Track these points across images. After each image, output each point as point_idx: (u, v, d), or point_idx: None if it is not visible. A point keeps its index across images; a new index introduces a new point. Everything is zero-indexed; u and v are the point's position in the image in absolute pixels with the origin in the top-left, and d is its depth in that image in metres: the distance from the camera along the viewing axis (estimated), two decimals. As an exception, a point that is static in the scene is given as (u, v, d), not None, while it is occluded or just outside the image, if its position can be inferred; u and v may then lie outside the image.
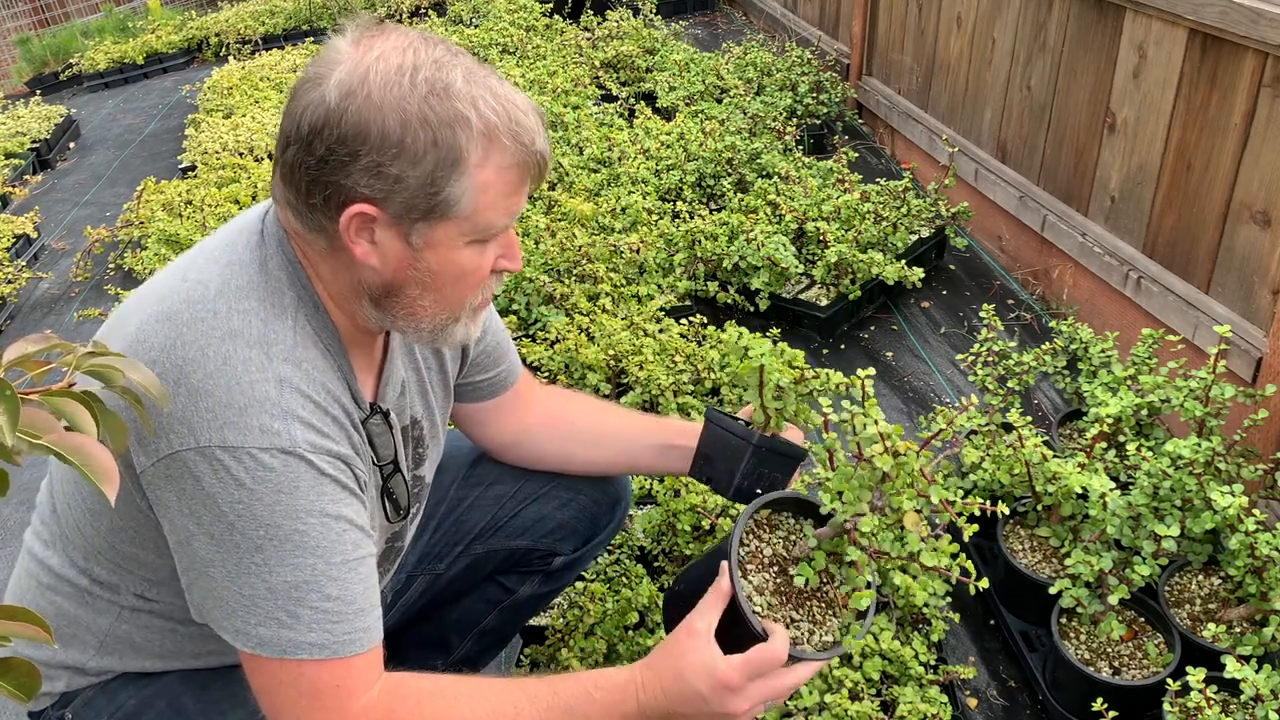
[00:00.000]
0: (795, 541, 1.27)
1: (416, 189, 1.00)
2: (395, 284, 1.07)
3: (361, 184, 1.00)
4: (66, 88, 7.44)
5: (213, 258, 1.09)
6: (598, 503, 1.60)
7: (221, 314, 1.03)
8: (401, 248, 1.04)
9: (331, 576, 1.03)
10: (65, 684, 1.21)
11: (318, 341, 1.09)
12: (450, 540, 1.56)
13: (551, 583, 1.63)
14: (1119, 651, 1.73)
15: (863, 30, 4.25)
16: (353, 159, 0.99)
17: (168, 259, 3.50)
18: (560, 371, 2.60)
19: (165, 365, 1.01)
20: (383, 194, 1.00)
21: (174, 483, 1.00)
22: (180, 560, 1.06)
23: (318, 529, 1.02)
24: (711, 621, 1.13)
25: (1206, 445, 1.73)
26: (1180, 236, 2.42)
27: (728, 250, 2.97)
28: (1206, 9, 2.17)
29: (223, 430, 0.99)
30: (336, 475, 1.05)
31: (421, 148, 0.98)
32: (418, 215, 1.02)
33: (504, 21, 5.87)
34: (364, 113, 0.98)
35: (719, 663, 1.10)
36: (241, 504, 0.99)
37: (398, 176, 0.99)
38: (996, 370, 2.24)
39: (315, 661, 1.02)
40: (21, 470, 0.56)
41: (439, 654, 1.65)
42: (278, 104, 5.17)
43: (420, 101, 0.98)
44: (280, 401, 1.01)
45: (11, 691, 0.57)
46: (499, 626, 1.66)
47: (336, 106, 0.99)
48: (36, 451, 0.57)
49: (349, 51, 1.03)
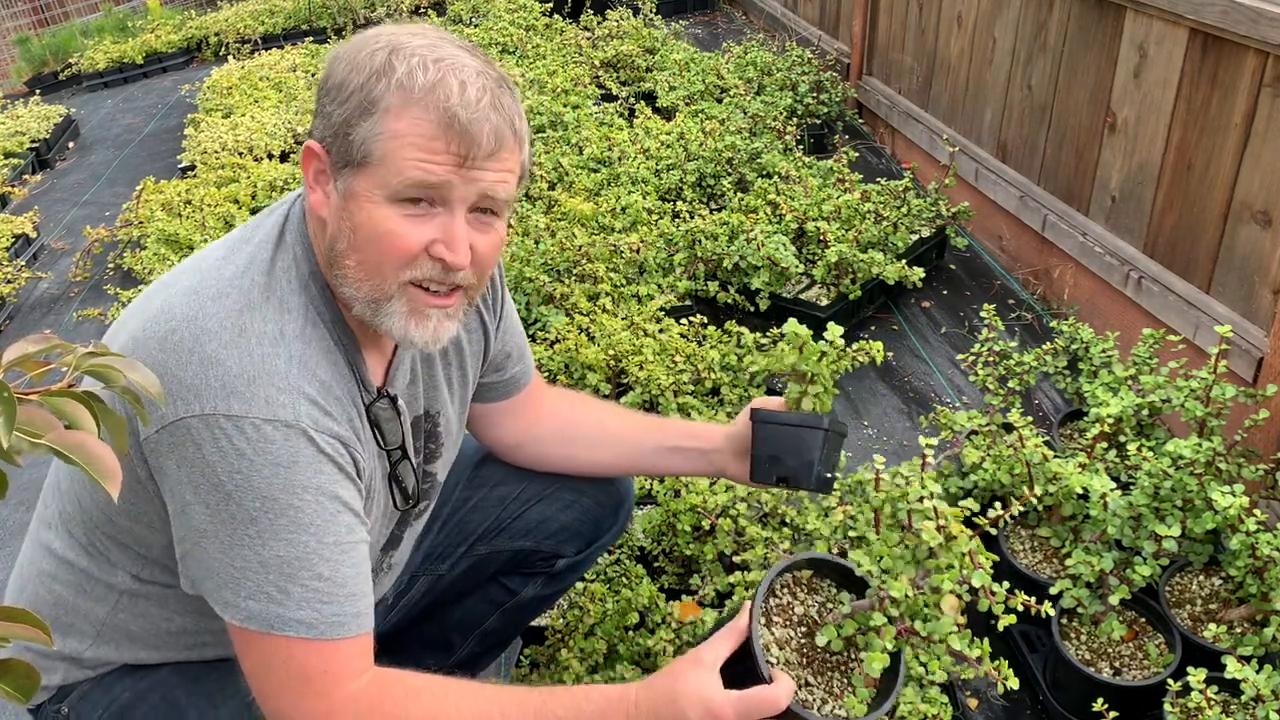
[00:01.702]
0: (830, 609, 1.23)
1: (339, 127, 1.05)
2: (334, 238, 1.08)
3: (317, 126, 1.08)
4: (66, 87, 7.44)
5: (242, 239, 1.13)
6: (601, 505, 1.60)
7: (244, 289, 1.06)
8: (337, 199, 1.07)
9: (324, 556, 1.03)
10: (62, 676, 1.22)
11: (331, 328, 1.11)
12: (454, 541, 1.57)
13: (554, 584, 1.63)
14: (1119, 652, 1.73)
15: (863, 30, 4.25)
16: (319, 103, 1.08)
17: (167, 259, 3.50)
18: (560, 371, 2.60)
19: (184, 334, 1.02)
20: (320, 133, 1.07)
21: (175, 450, 1.01)
22: (176, 530, 1.06)
23: (313, 506, 1.02)
24: (720, 655, 1.12)
25: (1207, 445, 1.72)
26: (1181, 236, 2.41)
27: (728, 250, 2.97)
28: (1207, 9, 2.17)
29: (229, 399, 1.00)
30: (335, 456, 1.05)
31: (349, 91, 1.05)
32: (341, 162, 1.06)
33: (504, 21, 5.87)
34: (334, 62, 1.08)
35: (716, 694, 1.08)
36: (240, 474, 1.00)
37: (328, 114, 1.06)
38: (997, 370, 2.24)
39: (303, 641, 1.02)
40: (21, 471, 0.56)
41: (441, 654, 1.65)
42: (277, 103, 5.17)
43: (369, 55, 1.05)
44: (288, 376, 1.03)
45: (10, 693, 0.56)
46: (501, 628, 1.66)
47: (328, 63, 1.10)
48: (37, 451, 0.57)
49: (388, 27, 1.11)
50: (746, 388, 2.49)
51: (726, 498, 1.97)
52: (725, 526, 1.92)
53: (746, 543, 1.90)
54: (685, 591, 1.96)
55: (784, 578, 1.21)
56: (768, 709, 1.08)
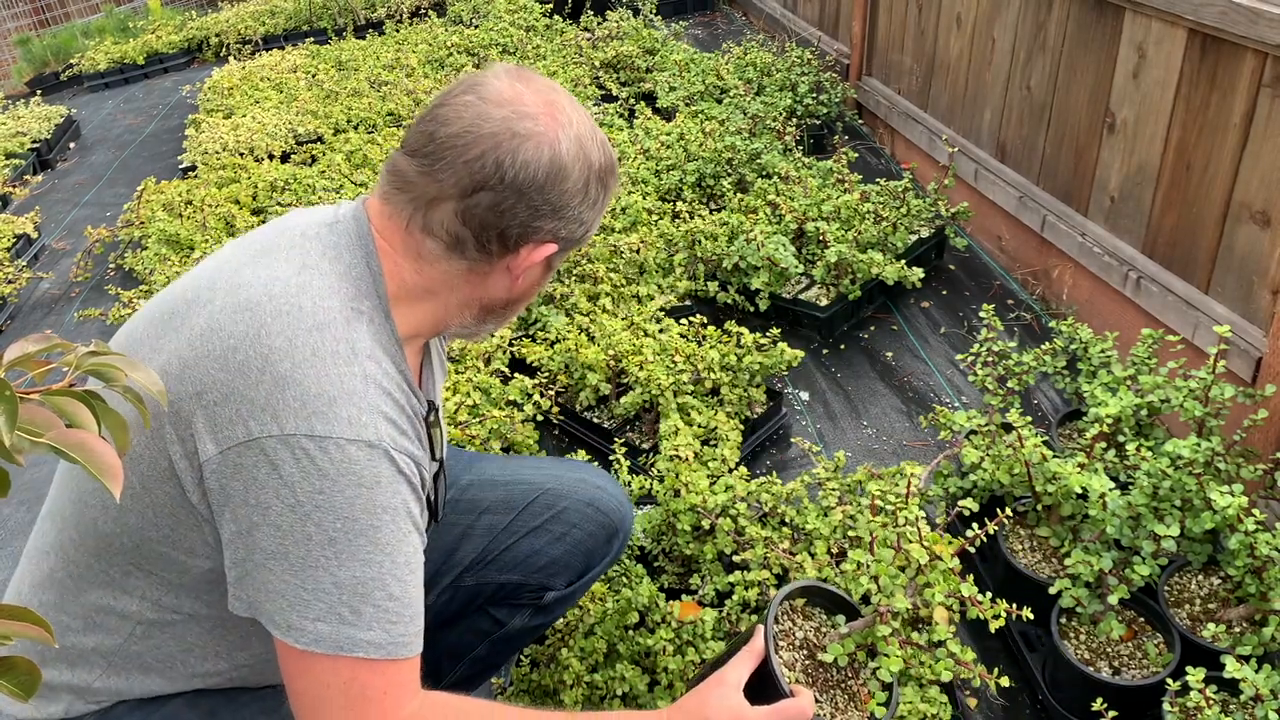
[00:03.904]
0: (825, 633, 1.31)
1: (587, 232, 1.18)
2: (514, 300, 1.20)
3: (557, 229, 1.14)
4: (67, 88, 7.44)
5: (282, 256, 1.10)
6: (593, 536, 1.55)
7: (307, 309, 1.04)
8: (540, 272, 1.19)
9: (396, 576, 1.02)
10: (65, 708, 1.17)
11: (388, 344, 1.10)
12: (440, 570, 1.53)
13: (543, 615, 1.58)
14: (1119, 651, 1.73)
15: (863, 30, 4.25)
16: (557, 209, 1.13)
17: (168, 259, 3.50)
18: (560, 371, 2.61)
19: (248, 352, 1.01)
20: (566, 234, 1.15)
21: (245, 470, 0.99)
22: (235, 552, 1.03)
23: (390, 526, 1.02)
24: (742, 676, 1.16)
25: (1206, 445, 1.73)
26: (1180, 236, 2.42)
27: (728, 250, 2.97)
28: (1206, 9, 2.17)
29: (310, 419, 0.98)
30: (410, 475, 1.05)
31: (591, 195, 1.15)
32: (570, 246, 1.18)
33: (504, 22, 5.87)
34: (559, 161, 1.11)
35: (747, 711, 1.13)
36: (322, 494, 0.98)
37: (581, 219, 1.15)
38: (996, 370, 2.24)
39: (369, 662, 1.01)
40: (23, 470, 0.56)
41: (430, 680, 1.62)
42: (278, 104, 5.17)
43: (577, 151, 1.12)
44: (367, 396, 1.02)
45: (12, 690, 0.57)
46: (490, 654, 1.61)
47: (564, 167, 1.12)
48: (38, 450, 0.57)
49: (537, 105, 1.11)
50: (746, 387, 2.49)
51: (726, 498, 1.97)
52: (725, 526, 1.92)
53: (746, 542, 1.90)
54: (685, 591, 1.96)
55: (782, 605, 1.28)
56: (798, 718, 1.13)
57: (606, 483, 1.61)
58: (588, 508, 1.55)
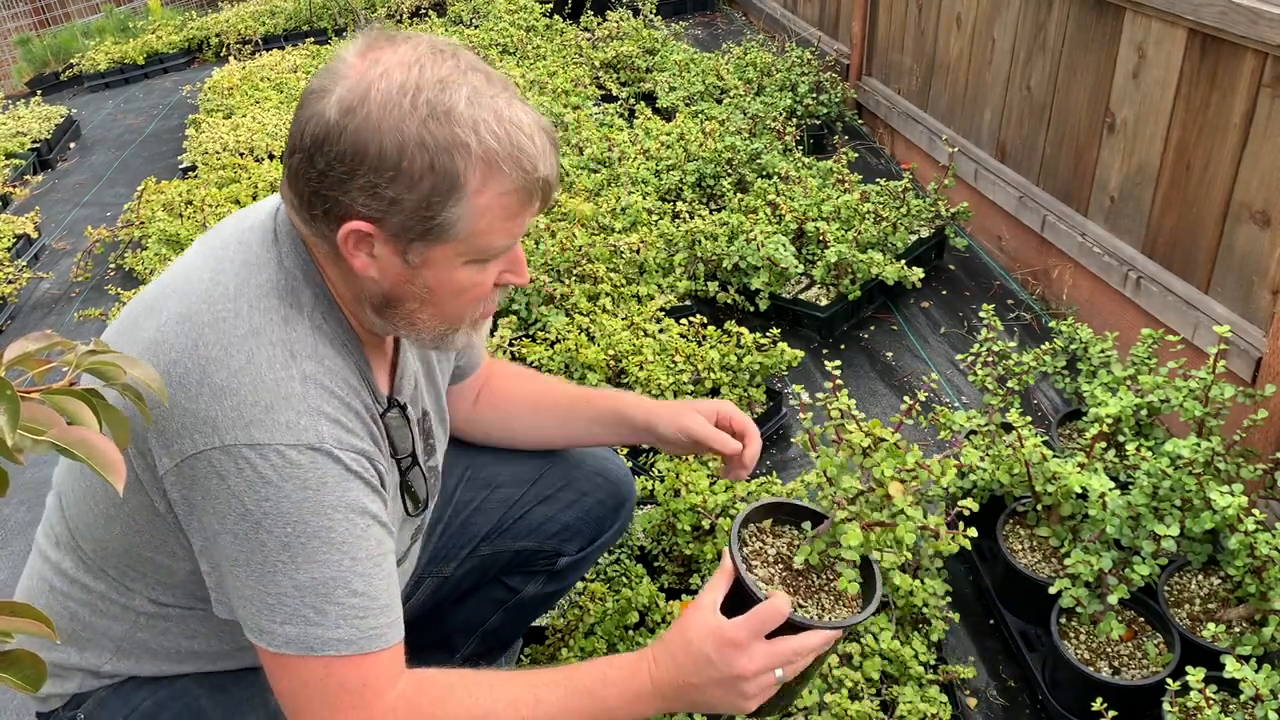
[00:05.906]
0: (797, 545, 1.30)
1: (412, 212, 0.99)
2: (394, 296, 1.07)
3: (359, 202, 0.99)
4: (67, 88, 7.45)
5: (226, 256, 1.09)
6: (602, 504, 1.61)
7: (243, 313, 1.03)
8: (399, 264, 1.04)
9: (358, 572, 1.03)
10: (78, 685, 1.21)
11: (335, 339, 1.09)
12: (457, 543, 1.57)
13: (556, 582, 1.64)
14: (1118, 651, 1.73)
15: (862, 30, 4.25)
16: (350, 177, 0.98)
17: (168, 259, 3.50)
18: (560, 371, 2.61)
19: (187, 365, 1.00)
20: (379, 214, 1.00)
21: (199, 483, 1.00)
22: (205, 561, 1.05)
23: (344, 525, 1.02)
24: (716, 598, 1.16)
25: (1206, 445, 1.73)
26: (1180, 236, 2.42)
27: (728, 250, 2.97)
28: (1206, 9, 2.17)
29: (249, 428, 0.98)
30: (361, 471, 1.05)
31: (418, 172, 0.97)
32: (414, 235, 1.01)
33: (504, 22, 5.88)
34: (362, 132, 0.97)
35: (724, 625, 1.12)
36: (269, 501, 0.99)
37: (394, 199, 0.99)
38: (996, 370, 2.24)
39: (342, 658, 1.02)
40: (23, 469, 0.56)
41: (443, 655, 1.66)
42: (278, 104, 5.17)
43: (419, 125, 0.96)
44: (306, 398, 1.01)
45: (18, 683, 0.57)
46: (503, 627, 1.67)
47: (336, 123, 0.97)
48: (39, 448, 0.58)
49: (354, 64, 1.01)
50: (746, 387, 2.50)
51: (726, 498, 1.97)
52: (725, 526, 1.92)
53: (746, 542, 1.90)
54: (685, 591, 1.96)
55: (749, 529, 1.28)
56: (774, 618, 1.12)
57: (611, 454, 1.68)
58: (597, 476, 1.61)
